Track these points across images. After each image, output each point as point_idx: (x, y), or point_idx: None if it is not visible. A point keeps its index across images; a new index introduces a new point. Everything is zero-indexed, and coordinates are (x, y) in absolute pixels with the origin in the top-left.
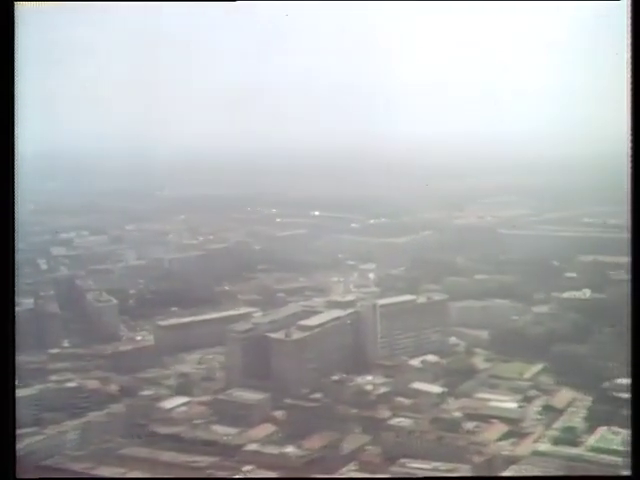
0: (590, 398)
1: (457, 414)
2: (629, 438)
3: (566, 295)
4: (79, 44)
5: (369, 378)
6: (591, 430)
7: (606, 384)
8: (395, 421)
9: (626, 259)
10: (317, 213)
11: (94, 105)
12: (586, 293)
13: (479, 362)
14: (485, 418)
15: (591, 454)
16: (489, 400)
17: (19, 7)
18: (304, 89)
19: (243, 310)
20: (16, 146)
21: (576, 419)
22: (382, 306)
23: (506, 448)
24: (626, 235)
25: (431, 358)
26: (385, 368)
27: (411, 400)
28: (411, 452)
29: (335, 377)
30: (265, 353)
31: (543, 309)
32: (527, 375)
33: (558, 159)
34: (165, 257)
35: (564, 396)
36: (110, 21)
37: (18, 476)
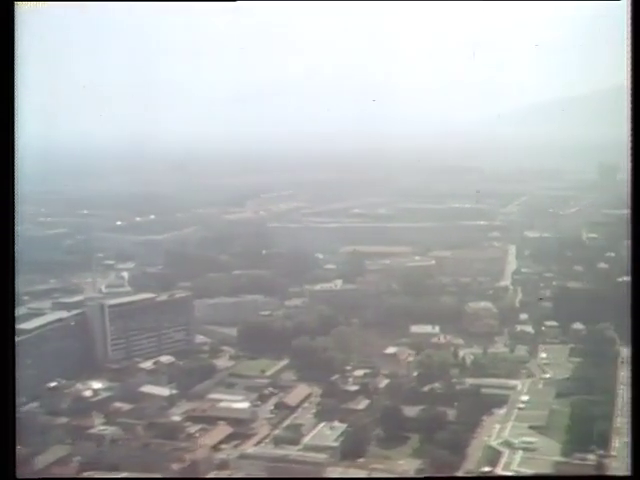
0: (322, 392)
1: (179, 418)
2: (344, 432)
3: (318, 287)
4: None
5: (91, 383)
6: (314, 427)
7: (336, 377)
8: (101, 429)
9: (384, 247)
10: (85, 212)
11: (94, 105)
12: (337, 284)
13: (223, 361)
14: (212, 420)
15: (300, 453)
16: (221, 401)
17: (19, 7)
18: None
19: None
20: (16, 146)
21: (307, 416)
22: (117, 305)
23: (224, 451)
24: (392, 224)
25: (166, 359)
26: (112, 372)
27: (133, 405)
28: (107, 462)
29: (53, 384)
30: None
31: (296, 302)
32: (269, 372)
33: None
34: None
35: (300, 392)
36: (110, 21)
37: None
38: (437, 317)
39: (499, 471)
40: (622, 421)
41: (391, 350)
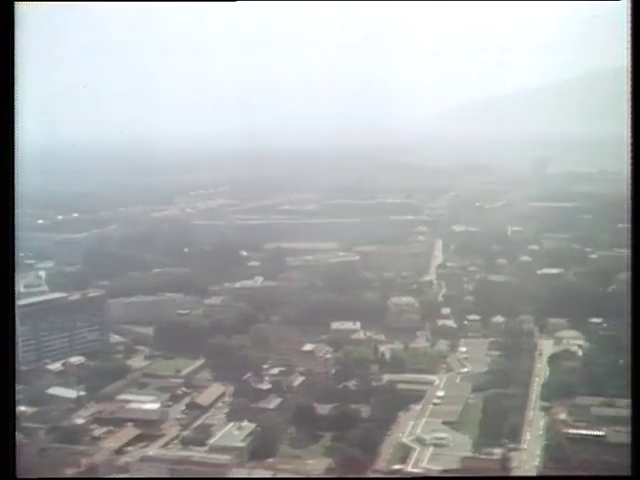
0: (235, 391)
1: (83, 420)
2: (253, 432)
3: (238, 285)
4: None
5: None
6: (224, 426)
7: (249, 375)
8: None
9: (308, 244)
10: None
11: (93, 105)
12: (258, 281)
13: (137, 361)
14: (120, 422)
15: (203, 455)
16: (131, 402)
17: (19, 7)
18: None
19: None
20: (16, 146)
21: (219, 416)
22: (27, 306)
23: (128, 454)
24: (320, 220)
25: (76, 360)
26: (19, 374)
27: (38, 408)
28: None
29: None
30: None
31: (215, 301)
32: (184, 372)
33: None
34: None
35: (213, 392)
36: (110, 21)
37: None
38: (359, 313)
39: (409, 469)
40: (535, 414)
41: (308, 347)
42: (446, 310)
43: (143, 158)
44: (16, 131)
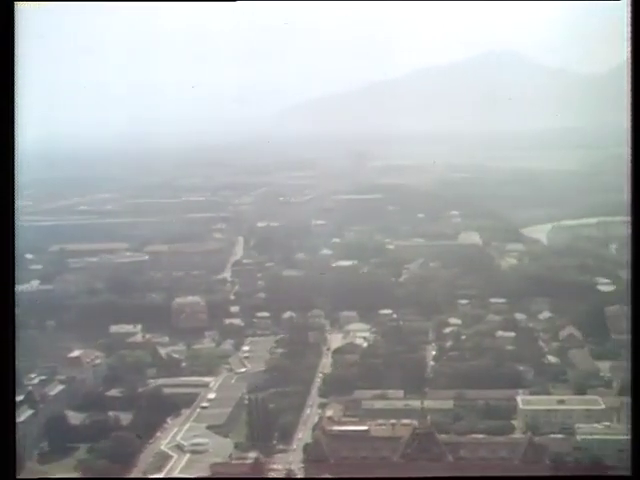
0: None
1: None
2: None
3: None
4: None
5: None
6: None
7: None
8: None
9: (95, 245)
10: None
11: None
12: (33, 285)
13: None
14: None
15: None
16: None
17: (19, 7)
18: None
19: None
20: (16, 146)
21: None
22: None
23: None
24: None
25: None
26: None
27: None
28: None
29: None
30: None
31: None
32: None
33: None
34: None
35: None
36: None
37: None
38: (142, 315)
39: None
40: (312, 412)
41: (75, 353)
42: (235, 308)
43: None
44: (16, 131)
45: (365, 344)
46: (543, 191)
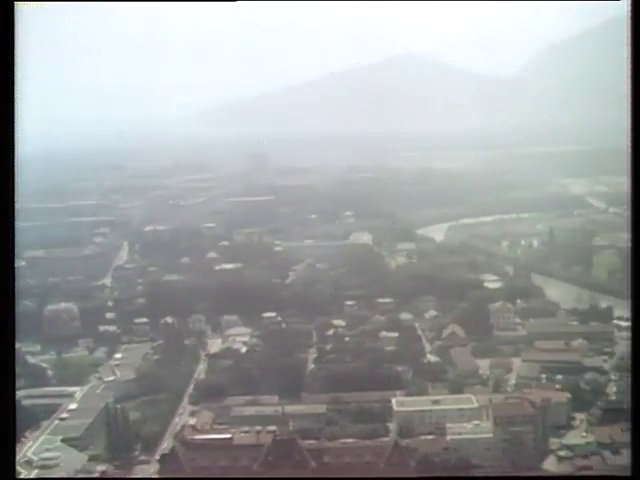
0: None
1: None
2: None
3: None
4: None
5: None
6: None
7: None
8: None
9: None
10: None
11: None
12: None
13: None
14: None
15: None
16: None
17: (19, 7)
18: None
19: None
20: (16, 146)
21: None
22: None
23: None
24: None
25: None
26: None
27: None
28: None
29: None
30: None
31: None
32: None
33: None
34: None
35: None
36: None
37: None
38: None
39: None
40: (182, 420)
41: None
42: (111, 315)
43: None
44: (16, 131)
45: (244, 349)
46: (444, 190)
